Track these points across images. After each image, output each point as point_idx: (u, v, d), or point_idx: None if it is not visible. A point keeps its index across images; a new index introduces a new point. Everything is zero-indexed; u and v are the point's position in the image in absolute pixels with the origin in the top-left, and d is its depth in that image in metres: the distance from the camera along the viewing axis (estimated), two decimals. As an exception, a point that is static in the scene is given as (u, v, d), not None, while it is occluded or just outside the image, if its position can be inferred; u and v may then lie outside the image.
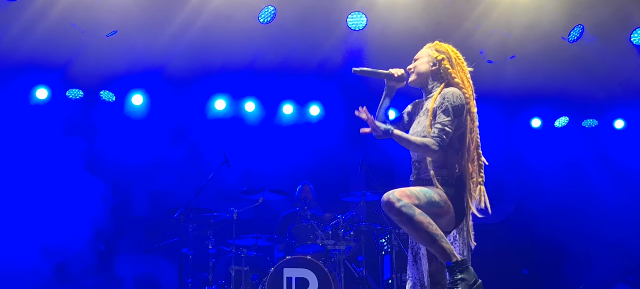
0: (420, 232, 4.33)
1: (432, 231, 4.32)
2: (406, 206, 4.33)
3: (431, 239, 4.33)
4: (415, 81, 4.93)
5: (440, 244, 4.34)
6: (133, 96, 10.71)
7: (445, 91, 4.65)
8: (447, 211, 4.53)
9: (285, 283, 8.17)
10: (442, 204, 4.50)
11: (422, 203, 4.40)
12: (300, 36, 9.45)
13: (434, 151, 4.52)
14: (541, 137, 11.74)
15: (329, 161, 11.04)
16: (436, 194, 4.50)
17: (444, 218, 4.52)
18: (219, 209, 9.00)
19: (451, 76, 4.76)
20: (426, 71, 4.86)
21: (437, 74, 4.82)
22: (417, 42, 5.07)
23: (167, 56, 9.72)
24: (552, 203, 11.28)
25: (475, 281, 4.34)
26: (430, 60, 4.85)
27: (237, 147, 10.49)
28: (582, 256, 9.98)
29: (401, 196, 4.36)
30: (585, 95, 10.89)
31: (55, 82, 10.32)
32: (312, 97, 11.31)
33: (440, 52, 4.85)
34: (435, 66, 4.82)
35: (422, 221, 4.32)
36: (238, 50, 9.61)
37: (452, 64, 4.80)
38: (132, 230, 10.26)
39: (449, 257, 4.35)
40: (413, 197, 4.40)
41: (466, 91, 4.71)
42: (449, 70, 4.78)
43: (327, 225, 8.84)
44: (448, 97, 4.60)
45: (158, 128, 10.78)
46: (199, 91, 10.86)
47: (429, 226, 4.32)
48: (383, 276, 9.37)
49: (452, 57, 4.84)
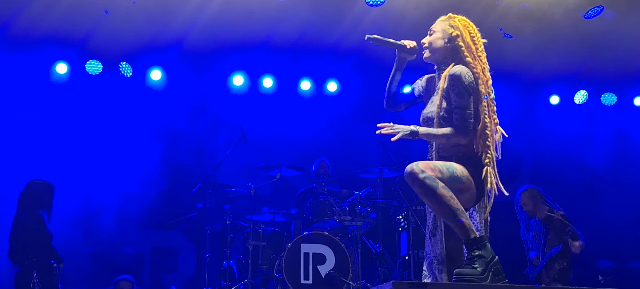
0: (442, 205, 4.33)
1: (453, 205, 4.32)
2: (430, 178, 4.32)
3: (452, 213, 4.34)
4: (430, 58, 4.86)
5: (461, 219, 4.34)
6: (152, 71, 10.75)
7: (453, 72, 4.60)
8: (469, 187, 4.52)
9: (302, 258, 8.20)
10: (464, 180, 4.49)
11: (445, 177, 4.39)
12: (318, 11, 9.43)
13: (464, 138, 4.53)
14: (560, 114, 11.67)
15: (347, 137, 11.04)
16: (459, 169, 4.49)
17: (465, 193, 4.51)
18: (237, 185, 9.05)
19: (464, 54, 4.69)
20: (440, 47, 4.78)
21: (451, 51, 4.75)
22: (433, 19, 5.03)
23: (186, 31, 9.74)
24: (569, 181, 11.23)
25: (492, 258, 4.34)
26: (445, 36, 4.77)
27: (255, 122, 10.51)
28: (598, 234, 9.94)
29: (425, 168, 4.36)
30: (605, 72, 10.82)
31: (73, 57, 10.37)
32: (330, 73, 11.29)
33: (454, 28, 4.77)
34: (449, 43, 4.76)
35: (444, 194, 4.31)
36: (256, 26, 9.60)
37: (465, 40, 4.73)
38: (150, 205, 10.32)
39: (468, 233, 4.36)
40: (436, 170, 4.39)
41: (475, 69, 4.63)
42: (461, 47, 4.71)
43: (344, 201, 8.86)
44: (455, 78, 4.56)
45: (176, 103, 10.81)
46: (218, 66, 10.87)
47: (451, 200, 4.32)
48: (400, 253, 9.40)
49: (465, 34, 4.75)
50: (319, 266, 8.20)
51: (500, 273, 4.34)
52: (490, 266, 4.32)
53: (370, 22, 9.34)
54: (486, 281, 4.27)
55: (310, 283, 8.12)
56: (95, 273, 9.96)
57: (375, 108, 11.01)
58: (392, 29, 9.29)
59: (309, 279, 8.14)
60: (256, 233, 8.61)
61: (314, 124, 11.14)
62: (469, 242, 4.37)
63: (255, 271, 8.49)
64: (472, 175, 4.54)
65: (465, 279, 4.26)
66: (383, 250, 9.00)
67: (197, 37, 9.86)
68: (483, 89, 4.62)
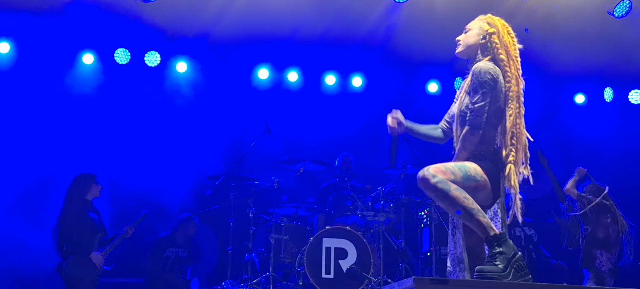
0: (456, 207, 4.33)
1: (468, 206, 4.32)
2: (441, 182, 4.32)
3: (468, 213, 4.33)
4: (462, 53, 4.86)
5: (477, 218, 4.33)
6: (178, 63, 10.80)
7: (474, 68, 4.61)
8: (484, 185, 4.51)
9: (324, 252, 8.20)
10: (479, 178, 4.48)
11: (457, 178, 4.39)
12: (345, 5, 9.43)
13: (477, 134, 4.53)
14: (585, 113, 11.59)
15: (370, 133, 11.02)
16: (472, 168, 4.49)
17: (481, 191, 4.51)
18: (260, 178, 9.05)
19: (498, 52, 4.68)
20: (474, 43, 4.78)
21: (485, 48, 4.74)
22: (461, 15, 5.01)
23: (212, 24, 9.78)
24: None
25: (514, 254, 4.31)
26: (481, 33, 4.77)
27: (279, 116, 10.51)
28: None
29: (436, 172, 4.36)
30: (631, 71, 10.74)
31: (101, 47, 10.45)
32: (355, 67, 11.28)
33: (491, 26, 4.77)
34: (484, 40, 4.74)
35: (458, 196, 4.31)
36: (282, 19, 9.63)
37: (501, 39, 4.72)
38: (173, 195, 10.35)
39: (486, 231, 4.34)
40: (448, 172, 4.39)
41: (508, 68, 4.63)
42: (496, 45, 4.70)
43: (367, 196, 8.85)
44: (475, 74, 4.56)
45: (201, 95, 10.85)
46: (243, 59, 10.90)
47: (465, 200, 4.31)
48: (422, 249, 9.38)
49: (502, 32, 4.75)
50: (341, 260, 8.20)
51: (523, 269, 4.30)
52: (512, 262, 4.28)
53: (398, 17, 9.33)
54: (508, 278, 4.23)
55: (331, 277, 8.12)
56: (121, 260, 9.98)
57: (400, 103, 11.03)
58: (419, 24, 9.31)
59: (330, 273, 8.13)
60: (278, 227, 8.61)
61: (338, 118, 11.12)
62: (488, 240, 4.35)
63: (276, 265, 8.51)
64: (488, 173, 4.53)
65: (487, 277, 4.23)
66: (405, 246, 8.98)
67: (223, 29, 9.90)
68: (515, 89, 4.62)
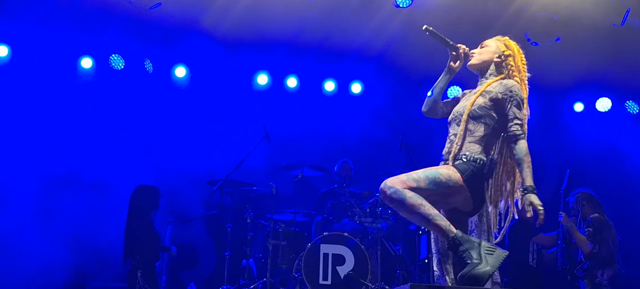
0: (414, 215, 4.41)
1: (424, 212, 4.37)
2: (396, 192, 4.39)
3: (425, 219, 4.40)
4: (475, 66, 4.99)
5: (436, 223, 4.40)
6: (176, 68, 10.80)
7: (509, 82, 4.75)
8: (459, 191, 4.56)
9: (321, 258, 8.21)
10: (451, 184, 4.52)
11: (421, 185, 4.44)
12: (345, 11, 9.43)
13: (526, 142, 4.65)
14: (584, 121, 11.59)
15: (369, 139, 11.02)
16: (444, 174, 4.53)
17: (457, 196, 4.58)
18: (258, 184, 9.06)
19: (512, 74, 4.85)
20: (489, 60, 4.93)
21: (499, 67, 4.90)
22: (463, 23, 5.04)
23: (211, 29, 9.77)
24: (592, 188, 11.14)
25: (478, 243, 4.36)
26: (497, 52, 4.93)
27: (278, 122, 10.50)
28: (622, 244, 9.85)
29: (393, 183, 4.43)
30: (630, 80, 10.74)
31: (98, 52, 10.44)
32: (355, 74, 11.28)
33: (508, 48, 4.94)
34: (500, 59, 4.90)
35: (413, 204, 4.37)
36: (283, 25, 9.62)
37: (516, 62, 4.89)
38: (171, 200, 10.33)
39: (446, 234, 4.41)
40: (410, 181, 4.45)
41: (521, 90, 4.79)
42: (512, 67, 4.87)
43: (365, 203, 8.86)
44: (515, 91, 4.70)
45: (199, 100, 10.84)
46: (242, 65, 10.89)
47: (420, 207, 4.37)
48: (419, 256, 9.38)
49: (517, 57, 4.93)
50: (338, 267, 8.20)
51: (492, 249, 4.36)
52: (480, 250, 4.34)
53: (398, 24, 9.33)
54: (487, 265, 4.28)
55: (329, 283, 8.12)
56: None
57: (399, 110, 11.07)
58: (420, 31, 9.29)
59: (327, 279, 8.14)
60: (276, 233, 8.62)
61: (337, 125, 11.12)
62: (449, 245, 4.41)
63: (274, 271, 8.51)
64: (469, 180, 4.56)
65: (470, 276, 4.28)
66: (403, 253, 8.99)
67: (222, 35, 9.89)
68: (525, 113, 4.78)
